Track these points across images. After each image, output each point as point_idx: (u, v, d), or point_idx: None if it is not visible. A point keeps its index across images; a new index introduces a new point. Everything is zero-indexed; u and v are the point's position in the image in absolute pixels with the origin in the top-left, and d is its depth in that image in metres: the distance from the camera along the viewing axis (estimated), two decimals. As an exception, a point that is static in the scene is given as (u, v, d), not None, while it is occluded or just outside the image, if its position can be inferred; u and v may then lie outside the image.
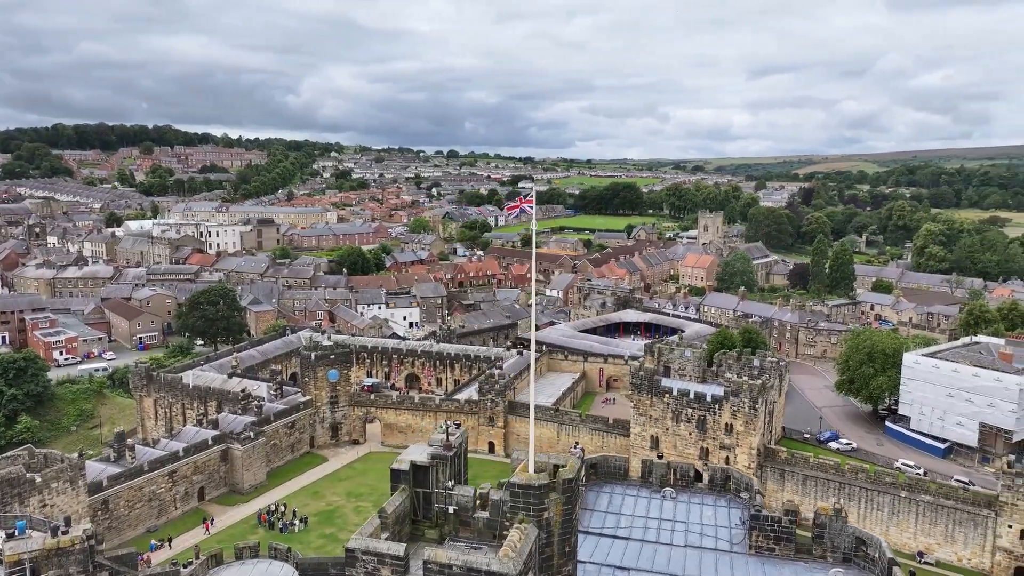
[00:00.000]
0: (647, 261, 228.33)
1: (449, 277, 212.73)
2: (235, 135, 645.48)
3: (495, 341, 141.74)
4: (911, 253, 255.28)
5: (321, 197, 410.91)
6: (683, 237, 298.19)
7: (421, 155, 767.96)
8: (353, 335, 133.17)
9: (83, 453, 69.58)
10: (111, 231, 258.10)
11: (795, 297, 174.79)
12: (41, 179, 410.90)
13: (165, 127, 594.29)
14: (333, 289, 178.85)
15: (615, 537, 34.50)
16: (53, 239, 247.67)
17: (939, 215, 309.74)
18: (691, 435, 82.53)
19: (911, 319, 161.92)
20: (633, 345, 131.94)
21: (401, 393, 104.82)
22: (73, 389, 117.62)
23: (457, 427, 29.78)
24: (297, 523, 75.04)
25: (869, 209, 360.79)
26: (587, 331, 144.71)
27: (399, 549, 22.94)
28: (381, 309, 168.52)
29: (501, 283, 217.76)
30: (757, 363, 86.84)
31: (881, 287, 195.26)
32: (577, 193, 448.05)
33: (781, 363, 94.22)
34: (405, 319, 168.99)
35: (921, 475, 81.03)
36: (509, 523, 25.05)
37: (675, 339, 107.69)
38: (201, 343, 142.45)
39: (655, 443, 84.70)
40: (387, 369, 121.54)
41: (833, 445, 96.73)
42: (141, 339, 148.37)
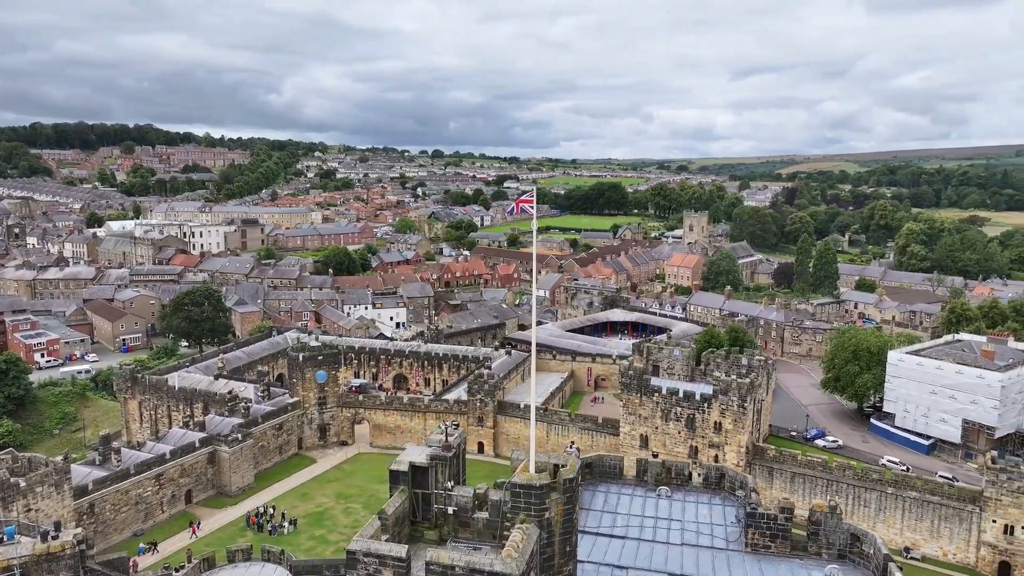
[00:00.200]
0: (633, 261, 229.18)
1: (435, 277, 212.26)
2: (217, 135, 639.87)
3: (483, 341, 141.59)
4: (893, 252, 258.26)
5: (305, 197, 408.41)
6: (668, 237, 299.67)
7: (406, 155, 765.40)
8: (340, 336, 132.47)
9: (68, 456, 68.56)
10: (92, 231, 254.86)
11: (780, 296, 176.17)
12: (19, 179, 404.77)
13: (146, 126, 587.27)
14: (319, 289, 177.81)
15: (611, 536, 34.54)
16: (32, 240, 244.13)
17: (920, 215, 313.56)
18: (680, 434, 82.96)
19: (894, 317, 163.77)
20: (621, 344, 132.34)
21: (389, 394, 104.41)
22: (55, 392, 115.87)
23: (455, 427, 29.69)
24: (286, 525, 74.53)
25: (851, 209, 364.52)
26: (574, 331, 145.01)
27: (401, 551, 22.81)
28: (368, 309, 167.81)
29: (488, 283, 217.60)
30: (745, 362, 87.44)
31: (864, 286, 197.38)
32: (562, 193, 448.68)
33: (768, 362, 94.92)
34: (392, 319, 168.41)
35: (905, 472, 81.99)
36: (510, 523, 25.01)
37: (664, 338, 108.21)
38: (186, 344, 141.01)
39: (644, 442, 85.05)
40: (375, 370, 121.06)
41: (820, 443, 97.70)
42: (124, 341, 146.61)
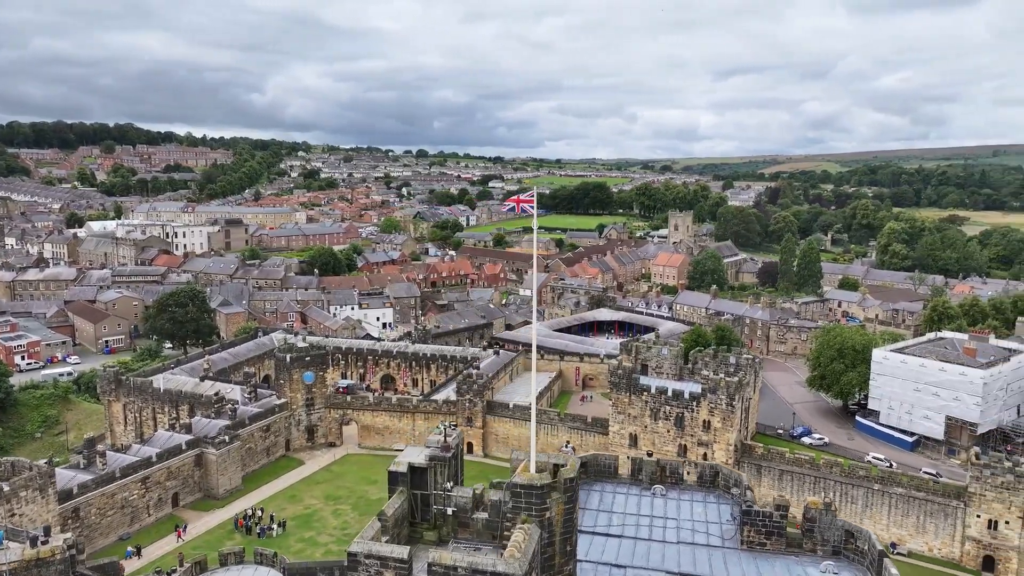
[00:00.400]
0: (619, 260, 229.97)
1: (422, 277, 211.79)
2: (199, 134, 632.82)
3: (470, 341, 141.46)
4: (875, 251, 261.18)
5: (289, 197, 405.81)
6: (654, 236, 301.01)
7: (390, 154, 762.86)
8: (327, 336, 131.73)
9: (52, 460, 67.61)
10: (72, 232, 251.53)
11: (765, 295, 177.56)
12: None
13: (127, 125, 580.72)
14: (304, 290, 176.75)
15: (608, 535, 34.61)
16: (11, 240, 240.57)
17: (901, 214, 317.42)
18: (669, 432, 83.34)
19: (877, 316, 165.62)
20: (608, 344, 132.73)
21: (377, 395, 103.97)
22: (37, 395, 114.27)
23: (453, 428, 29.62)
24: (275, 527, 73.97)
25: (833, 208, 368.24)
26: (562, 330, 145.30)
27: (403, 552, 22.70)
28: (354, 310, 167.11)
29: (474, 283, 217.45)
30: (733, 360, 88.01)
31: (847, 284, 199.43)
32: (548, 193, 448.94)
33: (755, 360, 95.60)
34: (378, 320, 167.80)
35: (889, 468, 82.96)
36: (511, 523, 24.97)
37: (652, 337, 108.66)
38: (170, 346, 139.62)
39: (634, 441, 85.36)
40: (362, 370, 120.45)
41: (806, 440, 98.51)
42: (107, 342, 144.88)
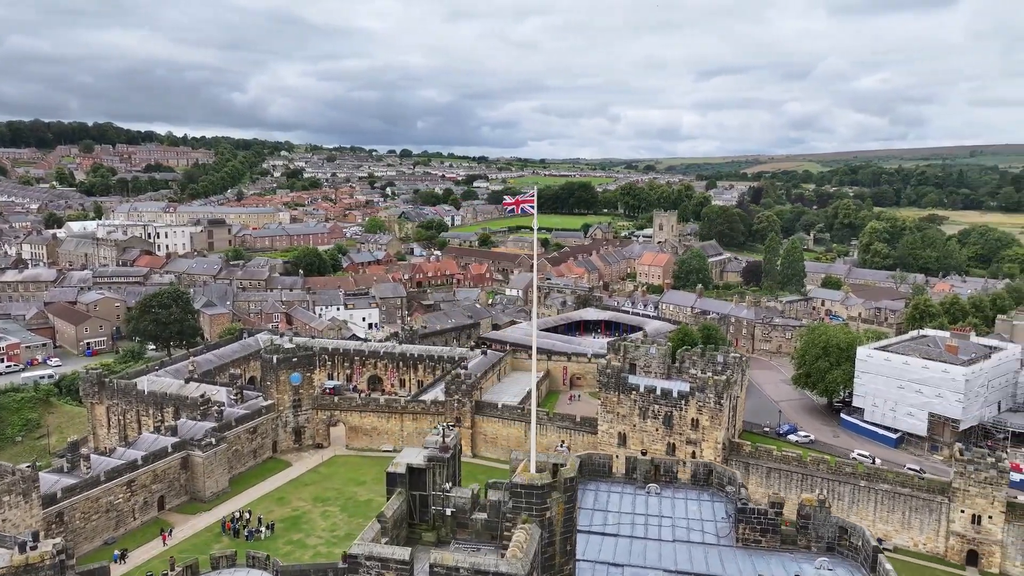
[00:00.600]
0: (604, 260, 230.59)
1: (407, 277, 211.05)
2: (180, 133, 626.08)
3: (458, 341, 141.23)
4: (857, 250, 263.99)
5: (272, 197, 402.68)
6: (639, 236, 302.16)
7: (374, 154, 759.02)
8: (313, 337, 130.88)
9: (36, 464, 66.57)
10: (52, 232, 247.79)
11: (750, 294, 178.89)
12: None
13: (106, 124, 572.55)
14: (289, 291, 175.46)
15: (603, 534, 34.67)
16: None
17: (882, 213, 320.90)
18: (658, 431, 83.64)
19: (860, 314, 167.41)
20: (595, 343, 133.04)
21: (364, 395, 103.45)
22: (17, 398, 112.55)
23: (451, 428, 29.51)
24: (263, 530, 73.38)
25: (815, 208, 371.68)
26: (549, 330, 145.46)
27: (404, 553, 22.58)
28: (340, 310, 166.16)
29: (460, 283, 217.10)
30: (720, 359, 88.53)
31: (830, 283, 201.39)
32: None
33: (742, 359, 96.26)
34: (364, 320, 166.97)
35: (872, 463, 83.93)
36: (511, 523, 24.92)
37: (639, 336, 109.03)
38: (153, 348, 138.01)
39: (623, 440, 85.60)
40: (349, 371, 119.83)
41: (792, 438, 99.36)
42: (89, 344, 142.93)
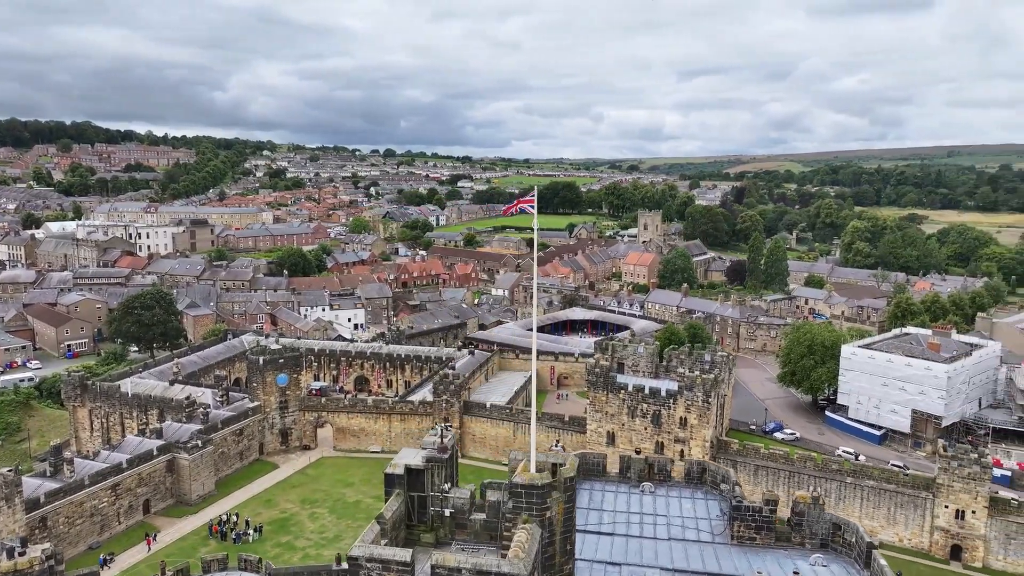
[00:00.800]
0: (590, 259, 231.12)
1: (393, 277, 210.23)
2: (160, 132, 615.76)
3: (444, 341, 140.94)
4: (839, 249, 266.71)
5: (255, 197, 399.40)
6: (623, 235, 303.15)
7: (357, 154, 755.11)
8: (299, 338, 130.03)
9: (18, 468, 65.52)
10: (30, 233, 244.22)
11: (735, 293, 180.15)
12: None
13: (84, 124, 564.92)
14: (274, 291, 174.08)
15: (599, 533, 34.73)
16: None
17: (863, 213, 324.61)
18: (646, 430, 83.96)
19: (843, 312, 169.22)
20: (582, 343, 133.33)
21: (352, 396, 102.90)
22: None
23: (448, 429, 29.43)
24: (251, 533, 72.78)
25: (798, 207, 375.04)
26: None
27: (405, 555, 22.46)
28: (325, 311, 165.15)
29: (446, 283, 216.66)
30: (708, 358, 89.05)
31: (813, 282, 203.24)
32: (517, 192, 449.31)
33: (729, 357, 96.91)
34: (350, 321, 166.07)
35: (855, 460, 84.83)
36: (511, 524, 24.88)
37: (627, 335, 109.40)
38: (136, 349, 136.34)
39: (611, 439, 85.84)
40: (335, 372, 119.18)
41: (778, 435, 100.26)
42: (70, 347, 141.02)
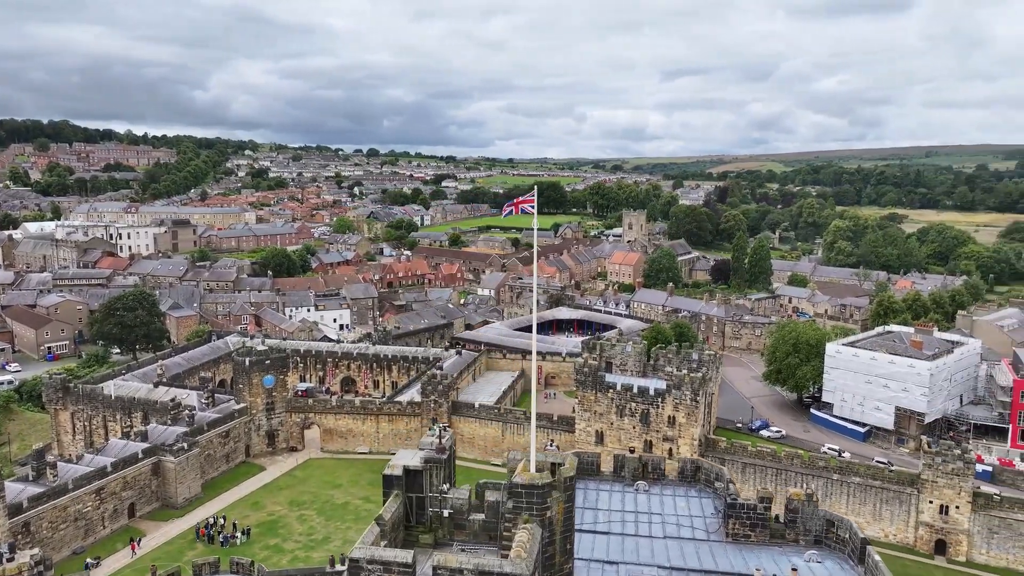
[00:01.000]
0: (575, 259, 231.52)
1: (378, 278, 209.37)
2: (140, 132, 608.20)
3: (431, 341, 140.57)
4: (821, 248, 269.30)
5: (237, 197, 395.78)
6: (608, 235, 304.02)
7: (340, 153, 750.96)
8: (284, 339, 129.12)
9: (0, 473, 64.45)
10: (7, 233, 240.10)
11: (719, 292, 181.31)
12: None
13: (62, 122, 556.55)
14: (258, 292, 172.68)
15: (595, 532, 34.77)
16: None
17: (845, 212, 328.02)
18: (635, 429, 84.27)
19: (826, 311, 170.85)
20: (569, 342, 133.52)
21: (338, 397, 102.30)
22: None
23: (446, 429, 29.32)
24: (239, 535, 72.20)
25: (780, 207, 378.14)
26: (522, 329, 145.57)
27: (407, 556, 22.30)
28: (310, 311, 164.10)
29: (431, 283, 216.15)
30: (695, 356, 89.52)
31: (796, 281, 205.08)
32: (501, 192, 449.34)
33: (716, 356, 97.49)
34: (335, 321, 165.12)
35: (839, 456, 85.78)
36: (511, 524, 24.81)
37: (614, 335, 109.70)
38: (118, 351, 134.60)
39: (600, 438, 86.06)
40: (322, 373, 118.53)
41: (764, 433, 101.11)
42: (50, 349, 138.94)
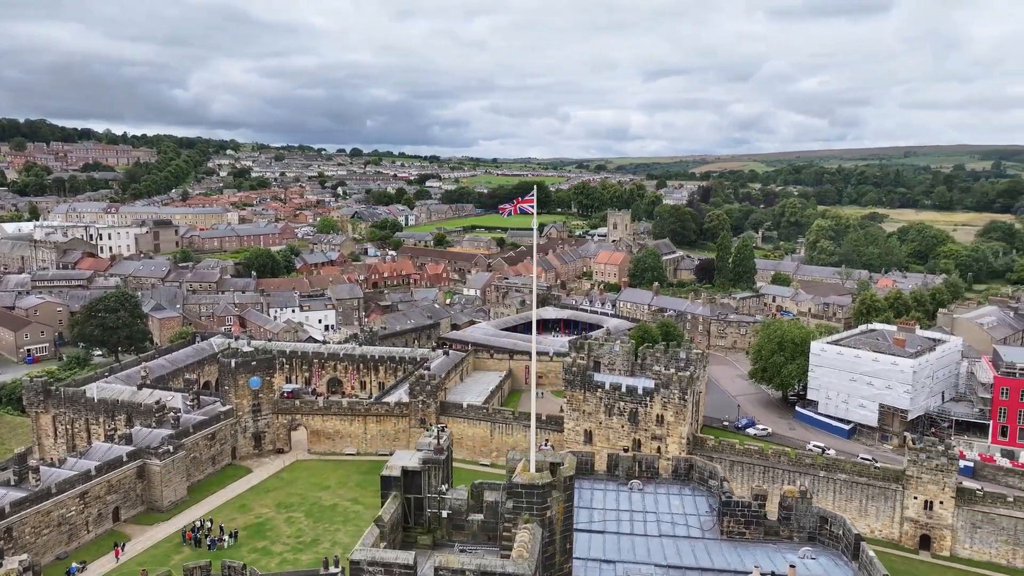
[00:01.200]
0: (561, 259, 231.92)
1: (363, 278, 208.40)
2: (119, 131, 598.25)
3: (418, 342, 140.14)
4: (804, 247, 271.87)
5: (219, 197, 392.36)
6: (593, 235, 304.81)
7: (323, 153, 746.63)
8: (269, 340, 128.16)
9: (-18, 478, 63.35)
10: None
11: (704, 291, 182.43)
12: None
13: (38, 121, 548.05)
14: (242, 292, 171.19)
15: (591, 531, 34.81)
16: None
17: (826, 212, 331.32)
18: (623, 428, 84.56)
19: (810, 309, 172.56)
20: (556, 342, 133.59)
21: (325, 398, 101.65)
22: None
23: (443, 429, 29.21)
24: (226, 538, 71.46)
25: (763, 207, 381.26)
26: (508, 329, 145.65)
27: (408, 557, 22.20)
28: (295, 312, 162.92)
29: (416, 283, 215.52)
30: (683, 355, 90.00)
31: (779, 280, 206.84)
32: (486, 192, 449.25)
33: (703, 355, 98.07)
34: (321, 322, 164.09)
35: (823, 454, 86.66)
36: (511, 524, 24.78)
37: (602, 334, 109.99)
38: (100, 353, 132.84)
39: (588, 437, 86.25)
40: (308, 374, 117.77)
41: (750, 431, 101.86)
42: (30, 351, 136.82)
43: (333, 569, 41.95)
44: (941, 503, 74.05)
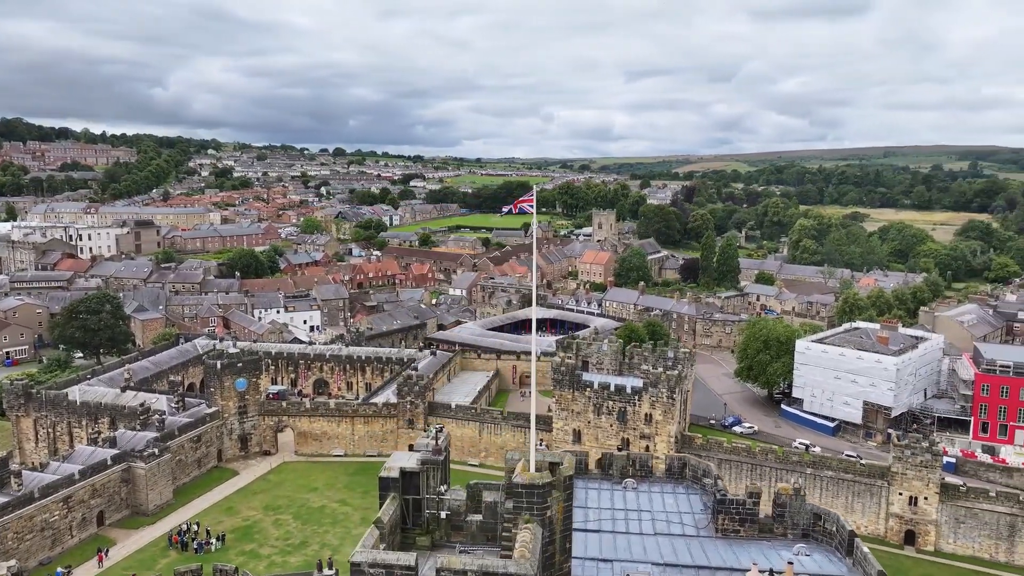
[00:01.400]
0: (546, 259, 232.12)
1: (348, 278, 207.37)
2: (97, 130, 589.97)
3: (404, 342, 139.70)
4: (787, 246, 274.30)
5: (201, 197, 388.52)
6: (579, 234, 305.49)
7: (305, 153, 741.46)
8: (254, 341, 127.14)
9: (-37, 483, 62.24)
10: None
11: (689, 290, 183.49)
12: None
13: (14, 120, 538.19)
14: (226, 293, 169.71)
15: (586, 531, 34.85)
16: None
17: (809, 211, 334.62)
18: (612, 427, 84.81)
19: (793, 308, 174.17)
20: (543, 341, 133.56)
21: (311, 400, 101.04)
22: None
23: (441, 430, 29.11)
24: (213, 542, 70.76)
25: (746, 206, 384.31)
26: (495, 329, 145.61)
27: (409, 559, 22.09)
28: (280, 313, 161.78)
29: (402, 283, 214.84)
30: (671, 354, 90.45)
31: (763, 279, 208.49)
32: (470, 192, 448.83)
33: (691, 354, 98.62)
34: (306, 323, 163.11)
35: (807, 451, 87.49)
36: (511, 524, 24.73)
37: (590, 333, 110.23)
38: (81, 356, 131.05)
39: (577, 437, 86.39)
40: (293, 375, 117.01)
41: (737, 429, 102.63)
42: (8, 354, 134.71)
43: (328, 571, 41.63)
44: (925, 499, 74.98)
